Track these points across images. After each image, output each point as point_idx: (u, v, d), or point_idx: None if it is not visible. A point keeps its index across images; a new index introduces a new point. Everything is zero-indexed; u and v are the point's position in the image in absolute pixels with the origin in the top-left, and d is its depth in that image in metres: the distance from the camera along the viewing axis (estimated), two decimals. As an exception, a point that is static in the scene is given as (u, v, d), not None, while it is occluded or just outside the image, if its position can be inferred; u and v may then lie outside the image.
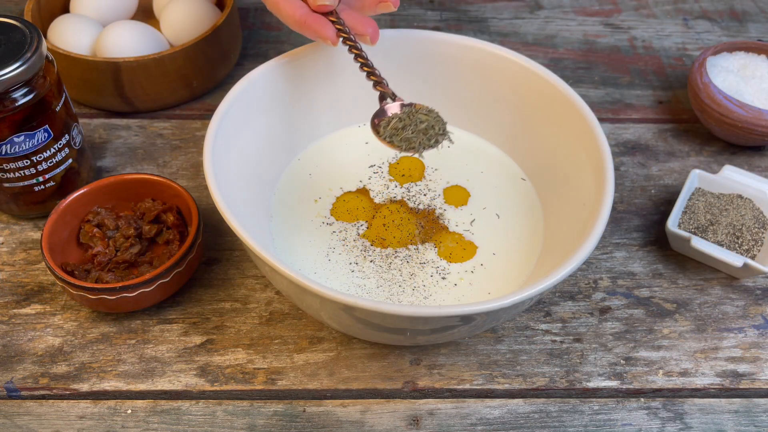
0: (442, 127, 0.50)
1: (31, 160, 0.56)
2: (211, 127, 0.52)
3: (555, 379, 0.52)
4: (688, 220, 0.59)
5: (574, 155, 0.55)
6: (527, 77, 0.58)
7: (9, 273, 0.57)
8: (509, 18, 0.84)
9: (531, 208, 0.58)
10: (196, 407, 0.51)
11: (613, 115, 0.72)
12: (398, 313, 0.43)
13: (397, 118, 0.50)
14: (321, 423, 0.50)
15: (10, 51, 0.52)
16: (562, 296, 0.57)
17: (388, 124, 0.51)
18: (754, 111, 0.63)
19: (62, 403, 0.51)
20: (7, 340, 0.54)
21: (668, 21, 0.84)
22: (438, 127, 0.50)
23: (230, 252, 0.59)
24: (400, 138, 0.50)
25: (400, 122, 0.50)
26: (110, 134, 0.68)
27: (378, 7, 0.54)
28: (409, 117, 0.50)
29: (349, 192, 0.59)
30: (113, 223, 0.57)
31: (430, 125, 0.50)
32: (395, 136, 0.50)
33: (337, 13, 0.52)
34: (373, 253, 0.55)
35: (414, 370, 0.53)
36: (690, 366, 0.53)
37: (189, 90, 0.70)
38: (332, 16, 0.52)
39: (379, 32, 0.53)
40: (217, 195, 0.48)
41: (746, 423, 0.51)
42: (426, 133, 0.50)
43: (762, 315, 0.56)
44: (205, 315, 0.55)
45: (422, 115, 0.50)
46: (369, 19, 0.52)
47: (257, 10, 0.83)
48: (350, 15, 0.53)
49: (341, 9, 0.53)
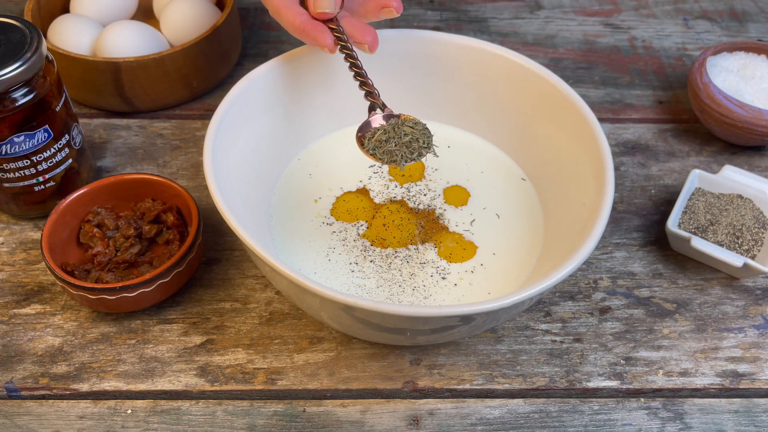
0: (426, 140, 0.50)
1: (31, 160, 0.56)
2: (211, 127, 0.52)
3: (555, 379, 0.52)
4: (688, 220, 0.59)
5: (574, 155, 0.55)
6: (527, 77, 0.58)
7: (9, 273, 0.57)
8: (509, 18, 0.84)
9: (531, 208, 0.58)
10: (196, 407, 0.51)
11: (613, 115, 0.72)
12: (398, 313, 0.43)
13: (381, 130, 0.51)
14: (321, 423, 0.50)
15: (10, 51, 0.52)
16: (562, 296, 0.57)
17: (372, 136, 0.51)
18: (754, 111, 0.63)
19: (62, 403, 0.51)
20: (7, 340, 0.54)
21: (668, 21, 0.84)
22: (423, 140, 0.50)
23: (230, 252, 0.59)
24: (382, 150, 0.50)
25: (384, 134, 0.50)
26: (110, 134, 0.68)
27: (381, 14, 0.54)
28: (394, 129, 0.50)
29: (349, 192, 0.59)
30: (113, 223, 0.57)
31: (414, 138, 0.50)
32: (378, 148, 0.50)
33: (338, 20, 0.52)
34: (373, 253, 0.55)
35: (414, 370, 0.53)
36: (690, 366, 0.53)
37: (189, 90, 0.70)
38: (332, 23, 0.52)
39: (378, 41, 0.53)
40: (217, 195, 0.48)
41: (746, 423, 0.51)
42: (409, 146, 0.50)
43: (762, 315, 0.56)
44: (205, 315, 0.55)
45: (407, 127, 0.50)
46: (369, 28, 0.52)
47: (257, 10, 0.83)
48: (350, 22, 0.53)
49: (342, 16, 0.53)
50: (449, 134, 0.63)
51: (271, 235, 0.56)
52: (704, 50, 0.71)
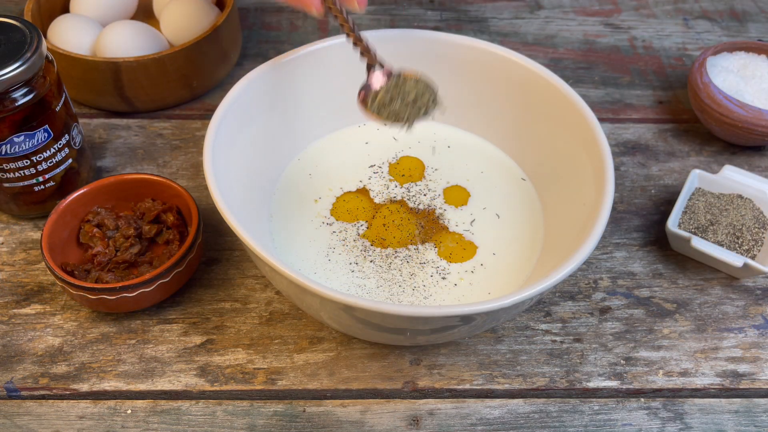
0: (432, 95, 0.49)
1: (31, 160, 0.56)
2: (211, 127, 0.52)
3: (555, 379, 0.52)
4: (688, 220, 0.59)
5: (574, 155, 0.55)
6: (527, 77, 0.58)
7: (9, 273, 0.57)
8: (509, 18, 0.84)
9: (531, 208, 0.58)
10: (196, 407, 0.51)
11: (613, 115, 0.72)
12: (398, 313, 0.43)
13: (383, 90, 0.49)
14: (321, 423, 0.50)
15: (10, 51, 0.52)
16: (562, 296, 0.57)
17: (375, 97, 0.49)
18: (754, 111, 0.63)
19: (62, 403, 0.51)
20: (7, 340, 0.54)
21: (668, 21, 0.84)
22: (427, 95, 0.49)
23: (230, 252, 0.59)
24: (387, 112, 0.49)
25: (386, 94, 0.49)
26: (110, 134, 0.68)
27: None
28: (396, 88, 0.49)
29: (349, 192, 0.59)
30: (113, 223, 0.57)
31: (419, 94, 0.49)
32: (382, 109, 0.49)
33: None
34: (373, 253, 0.55)
35: (414, 370, 0.53)
36: (690, 366, 0.53)
37: (189, 90, 0.70)
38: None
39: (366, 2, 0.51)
40: (217, 195, 0.48)
41: (746, 423, 0.51)
42: (415, 104, 0.48)
43: (762, 315, 0.56)
44: (205, 315, 0.55)
45: (410, 85, 0.49)
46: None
47: (257, 10, 0.83)
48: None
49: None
50: (449, 134, 0.63)
51: (271, 235, 0.56)
52: (704, 50, 0.71)
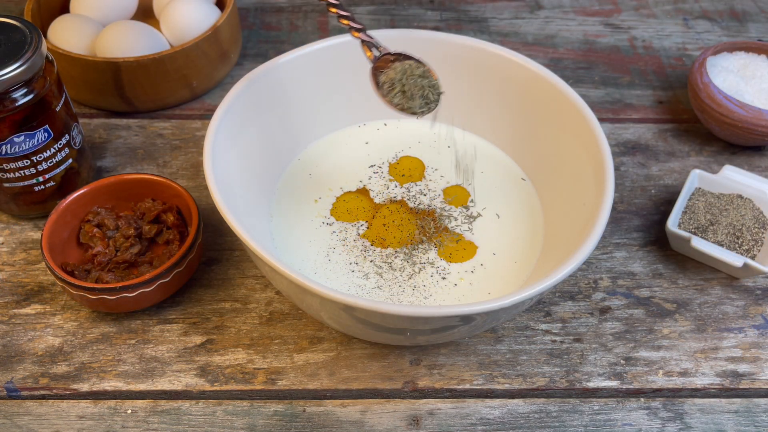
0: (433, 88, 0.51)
1: (31, 160, 0.56)
2: (211, 127, 0.52)
3: (555, 379, 0.52)
4: (688, 220, 0.59)
5: (575, 155, 0.55)
6: (527, 77, 0.58)
7: (9, 273, 0.57)
8: (509, 18, 0.84)
9: (531, 208, 0.58)
10: (196, 407, 0.51)
11: (613, 115, 0.72)
12: (398, 313, 0.43)
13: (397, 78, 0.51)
14: (321, 423, 0.50)
15: (10, 51, 0.52)
16: (562, 296, 0.57)
17: (391, 86, 0.51)
18: (754, 111, 0.63)
19: (62, 403, 0.51)
20: (7, 340, 0.54)
21: (668, 21, 0.84)
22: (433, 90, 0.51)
23: (230, 252, 0.59)
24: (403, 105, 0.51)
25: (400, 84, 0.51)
26: (110, 134, 0.68)
27: None
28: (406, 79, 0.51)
29: (349, 192, 0.59)
30: (113, 223, 0.57)
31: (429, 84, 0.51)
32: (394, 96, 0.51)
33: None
34: (373, 253, 0.55)
35: (414, 370, 0.53)
36: (690, 366, 0.53)
37: (189, 90, 0.70)
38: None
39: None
40: (217, 195, 0.48)
41: (746, 423, 0.51)
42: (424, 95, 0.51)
43: (762, 315, 0.56)
44: (205, 315, 0.55)
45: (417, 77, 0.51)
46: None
47: (257, 10, 0.83)
48: None
49: None
50: (449, 134, 0.63)
51: (271, 235, 0.56)
52: (704, 50, 0.71)
